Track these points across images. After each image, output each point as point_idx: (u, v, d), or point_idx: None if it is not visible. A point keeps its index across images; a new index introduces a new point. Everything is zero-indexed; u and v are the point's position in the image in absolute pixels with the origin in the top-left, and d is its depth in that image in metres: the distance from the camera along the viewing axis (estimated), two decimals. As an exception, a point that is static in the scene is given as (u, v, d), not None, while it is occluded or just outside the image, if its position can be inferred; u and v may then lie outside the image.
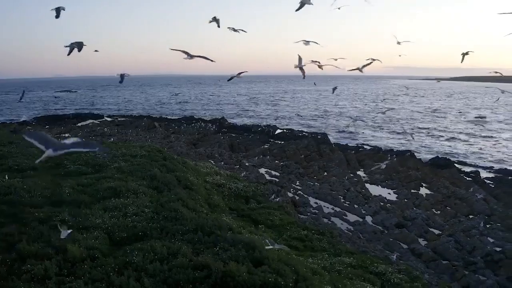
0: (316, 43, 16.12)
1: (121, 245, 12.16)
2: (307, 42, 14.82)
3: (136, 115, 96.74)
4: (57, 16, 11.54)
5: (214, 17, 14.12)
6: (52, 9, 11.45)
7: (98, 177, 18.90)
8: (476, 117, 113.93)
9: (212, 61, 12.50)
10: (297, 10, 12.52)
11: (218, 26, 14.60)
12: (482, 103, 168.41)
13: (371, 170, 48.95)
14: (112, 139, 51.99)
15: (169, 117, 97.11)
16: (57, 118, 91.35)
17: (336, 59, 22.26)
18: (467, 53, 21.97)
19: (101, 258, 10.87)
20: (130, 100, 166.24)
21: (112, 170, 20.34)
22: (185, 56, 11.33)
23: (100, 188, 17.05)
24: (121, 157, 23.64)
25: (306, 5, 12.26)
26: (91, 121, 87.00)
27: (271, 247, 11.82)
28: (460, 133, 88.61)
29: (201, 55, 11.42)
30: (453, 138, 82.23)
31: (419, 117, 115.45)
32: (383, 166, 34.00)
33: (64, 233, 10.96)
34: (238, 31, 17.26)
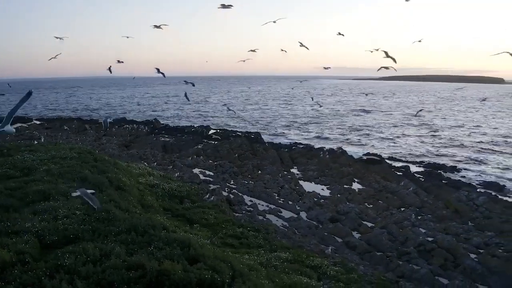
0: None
1: (52, 249, 11.82)
2: None
3: (66, 118, 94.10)
4: None
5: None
6: None
7: (26, 180, 18.34)
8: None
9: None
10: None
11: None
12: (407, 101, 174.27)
13: (305, 167, 49.69)
14: (44, 140, 50.11)
15: (100, 119, 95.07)
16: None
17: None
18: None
19: (31, 262, 10.52)
20: (59, 102, 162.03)
21: (41, 173, 19.75)
22: None
23: (29, 191, 16.54)
24: (51, 159, 23.01)
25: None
26: (19, 124, 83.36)
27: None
28: (390, 130, 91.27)
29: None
30: (382, 135, 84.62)
31: (348, 116, 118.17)
32: None
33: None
34: (160, 27, 17.20)
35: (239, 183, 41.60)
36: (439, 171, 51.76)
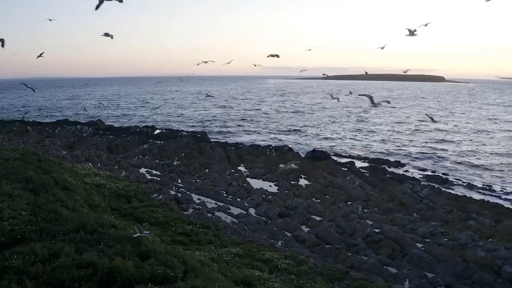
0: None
1: (-1, 250, 11.54)
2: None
3: (7, 120, 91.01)
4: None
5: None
6: None
7: (-31, 183, 17.77)
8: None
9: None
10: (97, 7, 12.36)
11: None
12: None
13: (252, 165, 49.96)
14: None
15: (42, 121, 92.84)
16: None
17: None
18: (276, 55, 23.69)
19: (-22, 264, 10.26)
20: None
21: (-16, 175, 19.20)
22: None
23: (-28, 194, 16.03)
24: (-7, 161, 22.37)
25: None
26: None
27: (138, 234, 11.72)
28: (333, 127, 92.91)
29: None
30: (326, 132, 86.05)
31: (291, 114, 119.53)
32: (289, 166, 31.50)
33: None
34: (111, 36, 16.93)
35: (186, 181, 41.48)
36: (383, 166, 53.22)
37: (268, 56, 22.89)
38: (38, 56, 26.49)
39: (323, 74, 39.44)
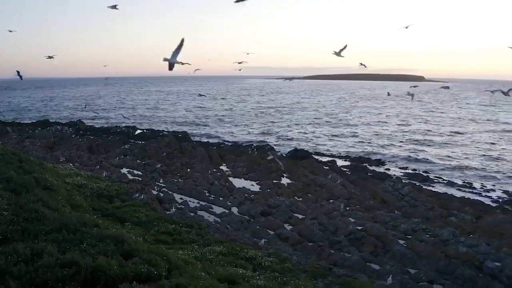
0: None
1: (-19, 251, 11.40)
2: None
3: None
4: None
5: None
6: None
7: None
8: None
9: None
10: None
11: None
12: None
13: (234, 164, 50.00)
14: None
15: (22, 122, 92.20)
16: None
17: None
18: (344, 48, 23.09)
19: (-41, 265, 10.13)
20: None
21: (-36, 176, 18.96)
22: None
23: (-49, 194, 15.84)
24: (-28, 162, 22.10)
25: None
26: None
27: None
28: (314, 127, 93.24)
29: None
30: (306, 132, 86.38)
31: (271, 113, 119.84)
32: None
33: None
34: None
35: (168, 181, 41.32)
36: (364, 165, 53.62)
37: (333, 53, 22.26)
38: (48, 58, 26.27)
39: (361, 64, 36.68)
